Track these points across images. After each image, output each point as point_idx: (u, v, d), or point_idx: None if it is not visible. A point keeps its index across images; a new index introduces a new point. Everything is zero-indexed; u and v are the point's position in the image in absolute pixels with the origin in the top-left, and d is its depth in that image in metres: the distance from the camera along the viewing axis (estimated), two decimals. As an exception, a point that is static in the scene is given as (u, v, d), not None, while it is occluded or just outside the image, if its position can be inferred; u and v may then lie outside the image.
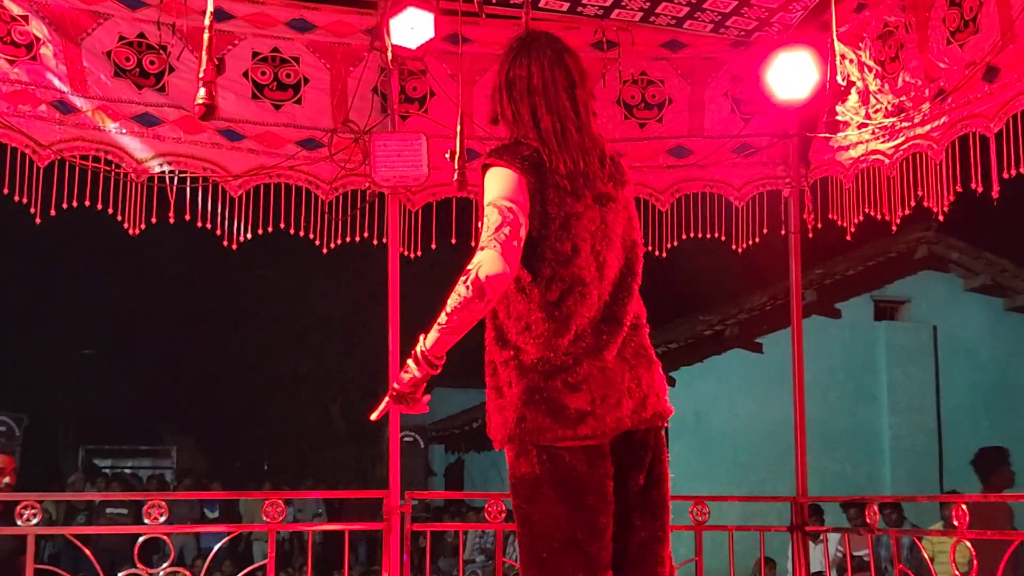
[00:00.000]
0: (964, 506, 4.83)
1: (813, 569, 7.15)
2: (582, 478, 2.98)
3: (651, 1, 5.59)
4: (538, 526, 3.01)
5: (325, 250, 5.84)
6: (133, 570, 5.29)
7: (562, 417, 2.98)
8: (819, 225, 6.07)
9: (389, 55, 5.38)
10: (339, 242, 5.86)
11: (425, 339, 2.99)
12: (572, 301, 3.01)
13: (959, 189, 4.98)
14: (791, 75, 5.60)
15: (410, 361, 3.03)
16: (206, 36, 4.17)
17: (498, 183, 3.01)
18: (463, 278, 2.91)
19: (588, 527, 2.97)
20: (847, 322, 15.93)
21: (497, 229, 2.92)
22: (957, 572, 4.93)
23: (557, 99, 3.10)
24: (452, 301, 2.93)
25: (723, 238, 6.22)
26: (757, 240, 6.24)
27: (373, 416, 3.22)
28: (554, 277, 3.01)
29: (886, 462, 15.84)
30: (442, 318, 2.95)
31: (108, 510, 14.84)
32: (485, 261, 2.89)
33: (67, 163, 5.36)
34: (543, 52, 3.15)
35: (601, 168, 3.13)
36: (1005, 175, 4.62)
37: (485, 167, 3.08)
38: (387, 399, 3.11)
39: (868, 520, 5.50)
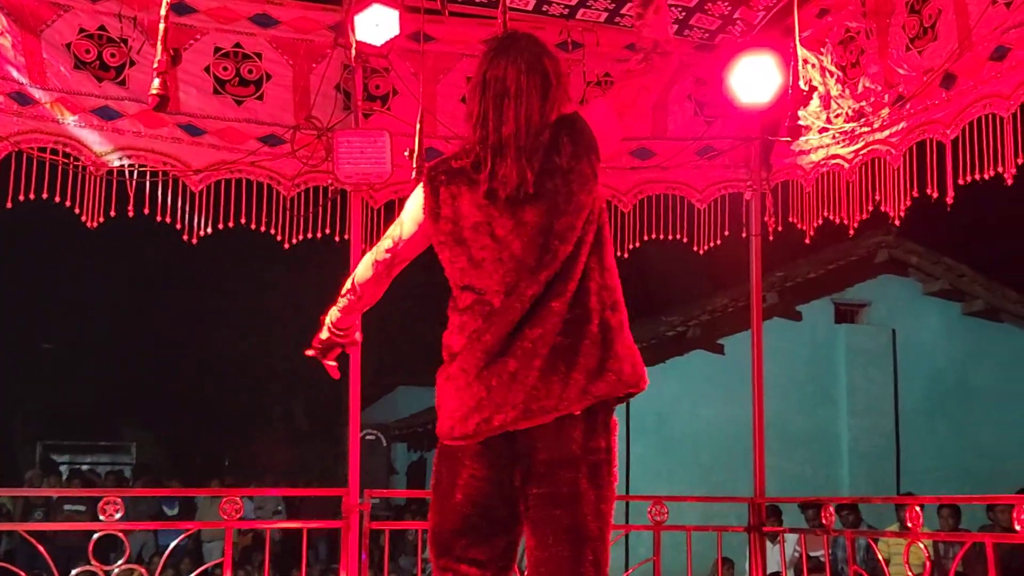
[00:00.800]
0: (918, 508, 4.87)
1: (770, 570, 7.19)
2: (451, 476, 3.07)
3: (616, 1, 5.62)
4: (430, 512, 3.15)
5: (287, 246, 5.82)
6: (88, 567, 5.24)
7: (441, 415, 3.10)
8: (779, 228, 6.11)
9: (353, 52, 5.36)
10: (301, 238, 5.83)
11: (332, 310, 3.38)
12: (473, 308, 3.04)
13: (915, 194, 5.03)
14: (754, 79, 5.63)
15: (324, 326, 3.41)
16: (162, 26, 4.16)
17: (412, 197, 3.25)
18: (354, 272, 3.32)
19: (454, 523, 3.06)
20: (807, 324, 16.06)
21: (385, 239, 3.28)
22: (911, 573, 4.97)
23: (530, 103, 3.07)
24: (344, 286, 3.34)
25: (685, 240, 6.25)
26: (718, 242, 6.27)
27: (309, 352, 3.51)
28: (462, 286, 3.08)
29: (844, 464, 15.98)
30: (339, 297, 3.35)
31: (66, 506, 14.68)
32: (363, 265, 3.30)
33: (24, 155, 5.31)
34: (522, 54, 3.12)
35: (543, 163, 3.05)
36: (960, 181, 4.67)
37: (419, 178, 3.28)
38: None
39: (824, 521, 5.54)
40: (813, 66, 5.57)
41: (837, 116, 5.46)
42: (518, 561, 3.19)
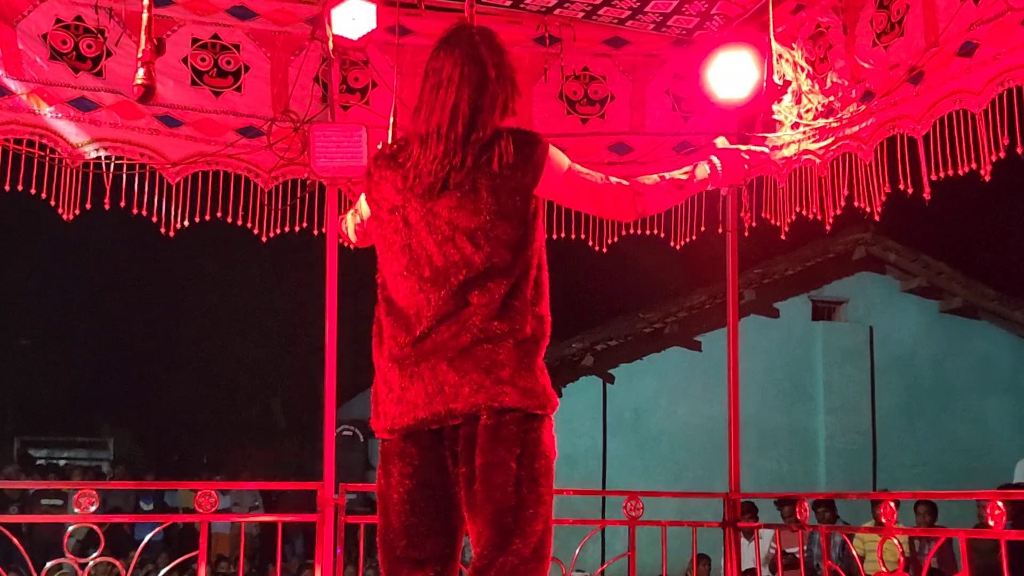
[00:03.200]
0: (892, 503, 4.89)
1: (746, 566, 7.21)
2: (387, 476, 3.10)
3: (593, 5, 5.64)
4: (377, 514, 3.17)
5: (264, 239, 5.80)
6: (62, 559, 5.23)
7: (372, 411, 3.14)
8: (754, 224, 6.11)
9: (330, 45, 5.34)
10: (278, 231, 5.82)
11: None
12: (389, 300, 3.08)
13: (888, 190, 5.03)
14: (731, 74, 5.64)
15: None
16: (145, 16, 4.14)
17: None
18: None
19: (387, 522, 3.09)
20: (785, 322, 16.11)
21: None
22: (884, 569, 4.99)
23: (460, 93, 3.08)
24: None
25: (662, 235, 6.25)
26: (694, 237, 6.28)
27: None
28: (382, 274, 3.13)
29: (821, 461, 16.04)
30: None
31: (43, 501, 14.65)
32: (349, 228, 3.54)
33: (0, 147, 5.28)
34: (460, 45, 3.13)
35: (474, 160, 3.03)
36: (934, 177, 4.68)
37: None
38: None
39: (799, 517, 5.56)
40: (787, 61, 5.57)
41: (808, 111, 5.46)
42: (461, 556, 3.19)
